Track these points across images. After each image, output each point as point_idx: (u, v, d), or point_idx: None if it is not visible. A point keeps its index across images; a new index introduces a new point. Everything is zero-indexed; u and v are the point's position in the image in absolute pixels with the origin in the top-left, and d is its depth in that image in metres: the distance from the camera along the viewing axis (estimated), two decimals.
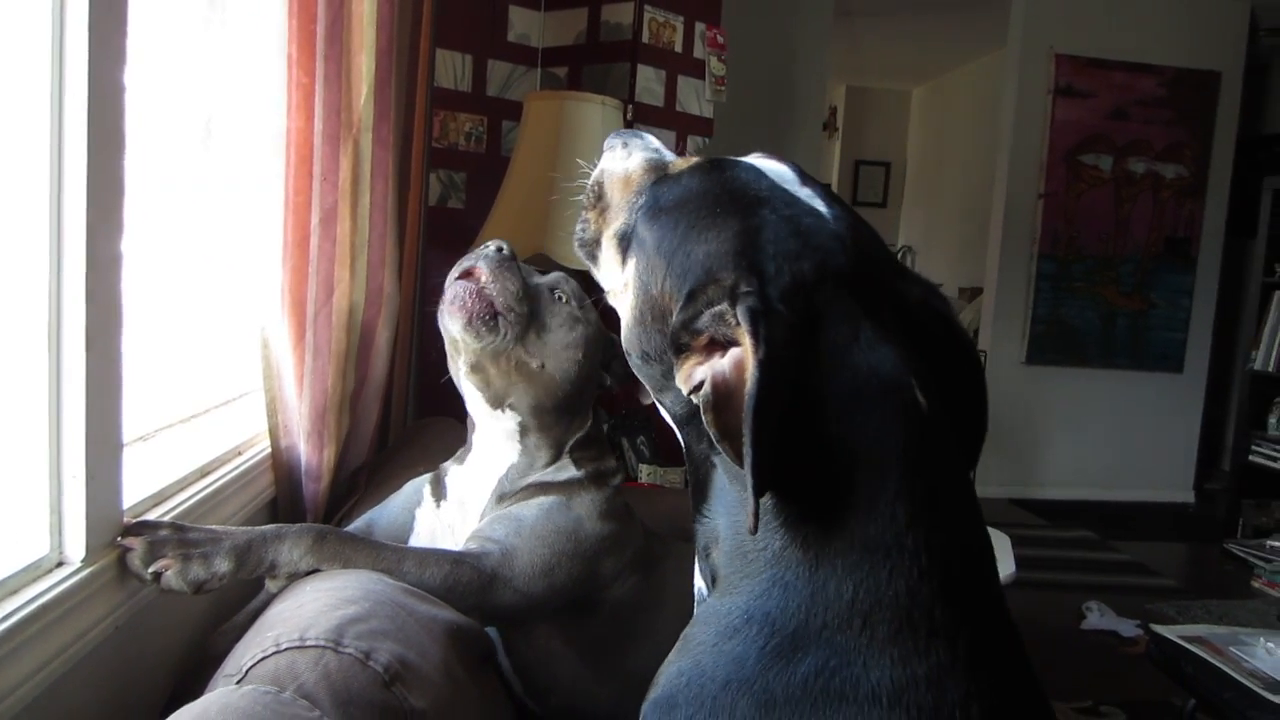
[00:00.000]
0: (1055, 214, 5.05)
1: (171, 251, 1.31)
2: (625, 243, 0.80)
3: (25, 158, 0.83)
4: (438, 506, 1.25)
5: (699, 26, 2.99)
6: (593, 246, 0.87)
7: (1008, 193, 5.07)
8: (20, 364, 0.85)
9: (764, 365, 0.60)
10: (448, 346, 1.20)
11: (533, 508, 1.17)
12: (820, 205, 0.72)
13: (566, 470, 1.22)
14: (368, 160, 1.46)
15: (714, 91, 3.06)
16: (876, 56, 6.98)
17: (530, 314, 1.16)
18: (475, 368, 1.17)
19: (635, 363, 0.78)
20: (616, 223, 0.83)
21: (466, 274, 1.17)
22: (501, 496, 1.20)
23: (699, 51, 3.00)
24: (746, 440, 0.59)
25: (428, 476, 1.30)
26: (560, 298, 1.21)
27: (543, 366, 1.17)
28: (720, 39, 3.05)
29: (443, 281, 1.20)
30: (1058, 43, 4.95)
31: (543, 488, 1.20)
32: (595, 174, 0.90)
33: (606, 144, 0.91)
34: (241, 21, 1.43)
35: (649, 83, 2.86)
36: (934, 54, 6.87)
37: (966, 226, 6.63)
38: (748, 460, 0.59)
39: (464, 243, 2.26)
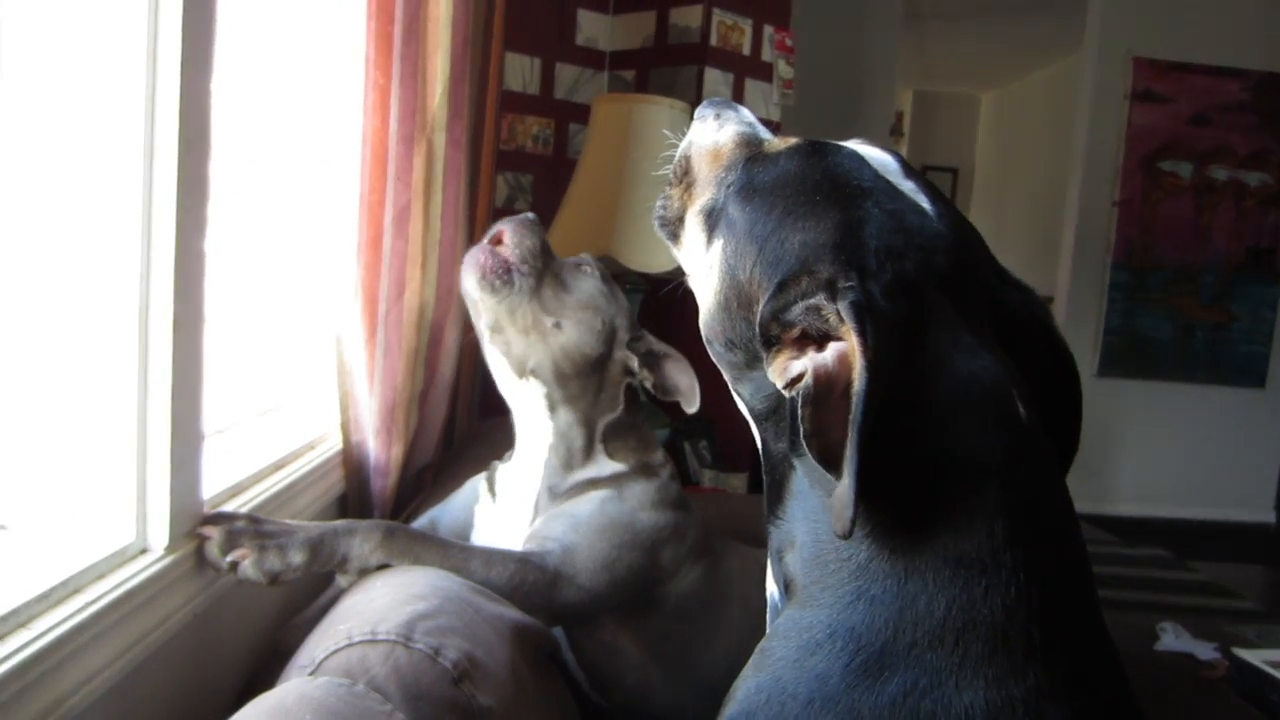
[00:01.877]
0: (1130, 222, 4.90)
1: (250, 249, 1.34)
2: (713, 221, 0.76)
3: (120, 158, 0.85)
4: (494, 502, 1.26)
5: (767, 29, 2.97)
6: (675, 225, 0.82)
7: (1080, 200, 4.94)
8: (110, 357, 0.87)
9: (873, 363, 0.57)
10: (471, 313, 1.23)
11: (585, 503, 1.17)
12: (924, 201, 0.69)
13: (609, 466, 1.22)
14: (440, 160, 1.48)
15: (781, 95, 3.04)
16: (945, 61, 6.87)
17: (550, 272, 1.20)
18: (494, 328, 1.19)
19: (716, 350, 0.75)
20: (703, 198, 0.78)
21: (495, 239, 1.21)
22: (551, 490, 1.21)
23: (767, 54, 2.99)
24: (851, 439, 0.56)
25: (484, 474, 1.31)
26: (586, 270, 1.25)
27: (558, 325, 1.18)
28: (789, 42, 3.03)
29: None
30: (1136, 46, 4.80)
31: (593, 483, 1.20)
32: (683, 146, 0.85)
33: (698, 113, 0.86)
34: (320, 22, 1.46)
35: (716, 86, 2.85)
36: (1004, 58, 6.73)
37: (1036, 234, 6.48)
38: (850, 463, 0.56)
39: None
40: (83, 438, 0.89)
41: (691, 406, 1.28)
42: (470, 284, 1.18)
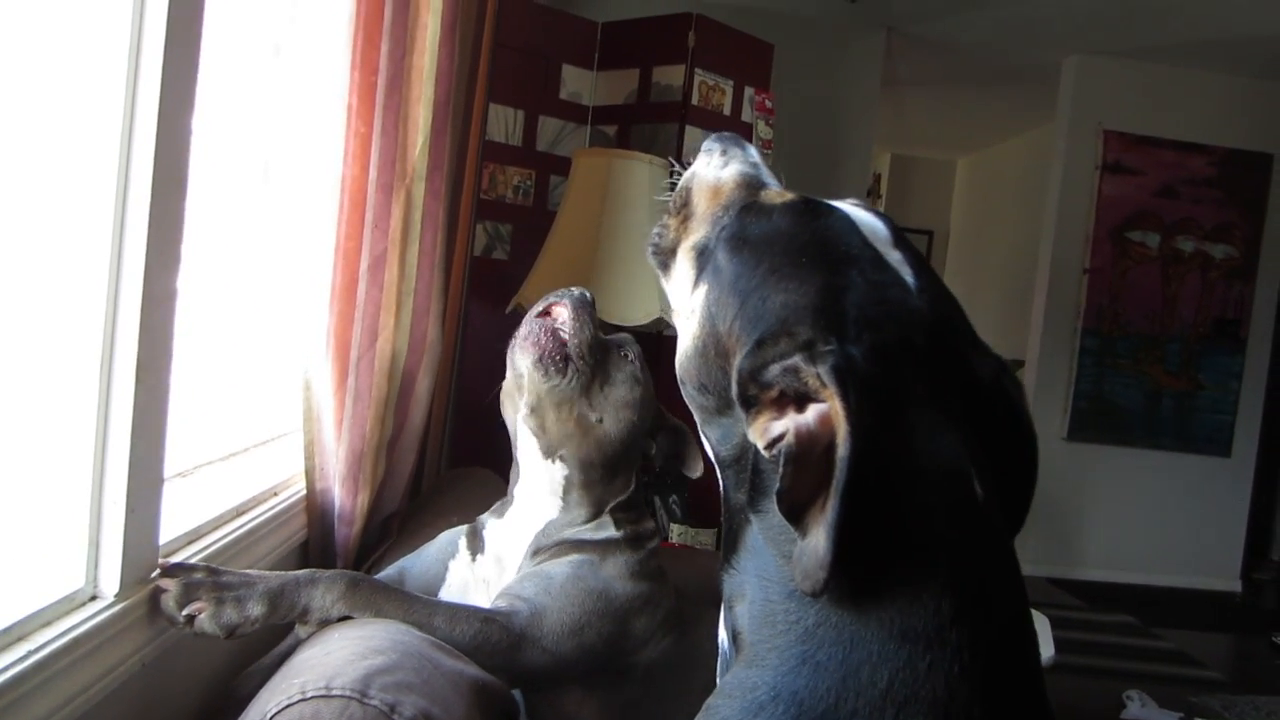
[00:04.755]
0: (1100, 289, 4.99)
1: (220, 290, 1.33)
2: (702, 262, 0.76)
3: (92, 193, 0.85)
4: (473, 560, 1.24)
5: (748, 90, 3.03)
6: (668, 255, 0.82)
7: (1052, 266, 5.03)
8: (70, 395, 0.86)
9: (856, 427, 0.57)
10: (509, 383, 1.21)
11: (563, 565, 1.15)
12: (908, 274, 0.69)
13: (605, 530, 1.21)
14: (419, 209, 1.48)
15: (761, 155, 3.09)
16: (922, 126, 7.01)
17: (597, 366, 1.18)
18: (535, 410, 1.17)
19: (689, 391, 0.75)
20: (697, 234, 0.79)
21: (545, 312, 1.20)
22: (537, 551, 1.19)
23: (747, 115, 3.04)
24: (834, 502, 0.56)
25: (464, 528, 1.29)
26: (626, 355, 1.23)
27: (600, 421, 1.18)
28: (769, 103, 3.09)
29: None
30: (1106, 119, 4.94)
31: (576, 545, 1.18)
32: (685, 177, 0.85)
33: (705, 146, 0.86)
34: (302, 71, 1.47)
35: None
36: (980, 126, 6.89)
37: (1008, 298, 6.57)
38: (830, 525, 0.56)
39: (507, 293, 2.27)
40: (35, 477, 0.87)
41: (694, 473, 1.31)
42: (525, 362, 1.16)
